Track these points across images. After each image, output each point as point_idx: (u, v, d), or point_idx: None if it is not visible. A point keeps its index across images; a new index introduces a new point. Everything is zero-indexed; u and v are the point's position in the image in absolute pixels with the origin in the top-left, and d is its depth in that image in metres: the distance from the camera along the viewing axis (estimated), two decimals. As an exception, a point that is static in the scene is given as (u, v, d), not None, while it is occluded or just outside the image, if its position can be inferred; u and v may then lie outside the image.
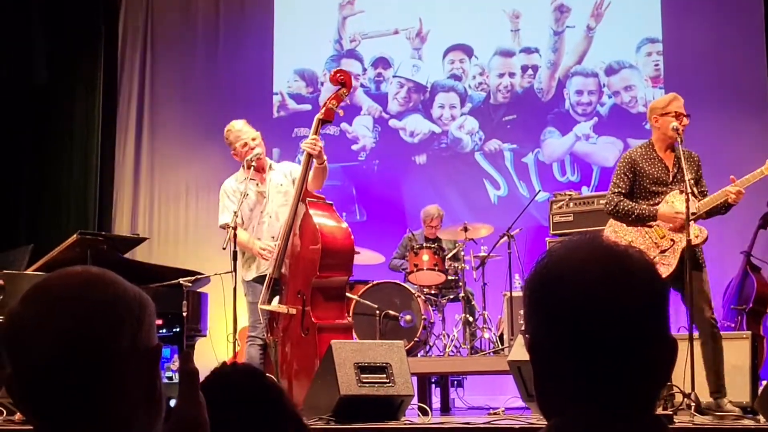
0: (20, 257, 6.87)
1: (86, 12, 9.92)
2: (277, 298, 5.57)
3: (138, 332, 1.26)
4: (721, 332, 5.25)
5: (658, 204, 5.21)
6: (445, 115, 9.60)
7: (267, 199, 5.78)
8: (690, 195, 5.02)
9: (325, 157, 5.56)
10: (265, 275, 5.59)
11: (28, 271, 6.26)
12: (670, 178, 5.24)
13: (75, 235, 6.27)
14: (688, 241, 5.01)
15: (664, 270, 5.04)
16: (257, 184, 5.80)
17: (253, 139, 5.76)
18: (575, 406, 1.17)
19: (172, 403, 1.40)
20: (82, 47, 9.90)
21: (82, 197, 9.66)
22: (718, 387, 5.01)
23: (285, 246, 5.55)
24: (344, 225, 5.58)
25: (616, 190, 5.29)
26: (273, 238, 5.68)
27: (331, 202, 5.67)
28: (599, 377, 1.17)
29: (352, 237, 5.57)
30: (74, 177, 9.72)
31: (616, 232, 5.31)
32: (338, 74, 5.70)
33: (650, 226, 5.23)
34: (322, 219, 5.45)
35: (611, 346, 1.16)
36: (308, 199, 5.52)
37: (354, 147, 9.69)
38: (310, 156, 5.51)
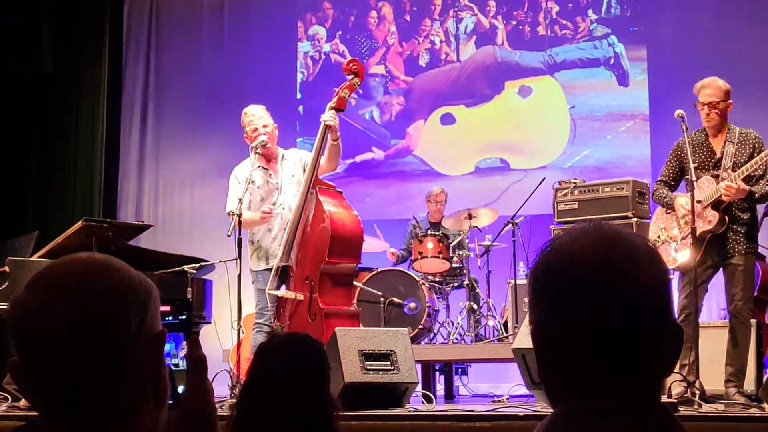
0: (25, 244, 6.88)
1: (92, 2, 9.91)
2: (284, 286, 5.58)
3: (143, 318, 1.26)
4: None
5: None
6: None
7: (280, 191, 5.75)
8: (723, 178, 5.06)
9: (339, 134, 5.56)
10: (272, 268, 5.59)
11: (34, 258, 6.28)
12: (713, 164, 5.24)
13: (80, 222, 6.28)
14: (693, 229, 5.02)
15: (683, 255, 5.10)
16: (270, 175, 5.77)
17: (264, 126, 5.69)
18: (580, 395, 1.17)
19: (180, 389, 1.40)
20: (88, 37, 9.90)
21: (88, 185, 9.68)
22: (730, 376, 5.02)
23: (294, 232, 5.55)
24: (354, 212, 5.60)
25: (659, 178, 5.47)
26: (285, 230, 5.66)
27: (341, 191, 5.67)
28: (603, 365, 1.17)
29: (362, 225, 5.59)
30: (80, 165, 9.73)
31: (656, 218, 5.50)
32: (351, 64, 5.70)
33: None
34: (332, 206, 5.46)
35: (615, 333, 1.16)
36: (318, 186, 5.52)
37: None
38: (326, 129, 5.50)
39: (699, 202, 5.11)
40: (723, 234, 5.10)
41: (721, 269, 5.20)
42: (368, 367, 4.96)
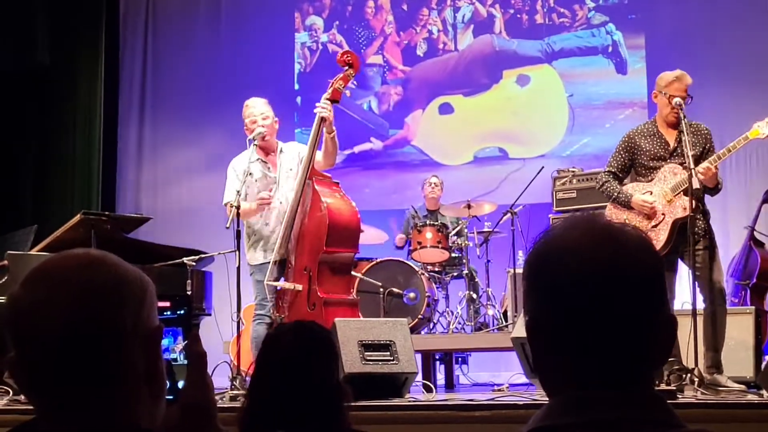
0: (24, 238, 6.88)
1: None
2: (282, 278, 5.59)
3: (140, 314, 1.26)
4: (725, 307, 5.23)
5: (653, 179, 5.24)
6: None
7: (277, 185, 5.75)
8: (688, 170, 5.00)
9: (334, 127, 5.55)
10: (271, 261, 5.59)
11: (33, 252, 6.28)
12: (669, 154, 5.23)
13: (79, 215, 6.27)
14: (692, 217, 5.00)
15: (655, 245, 5.02)
16: (269, 168, 5.76)
17: (264, 118, 5.68)
18: (575, 384, 1.18)
19: (180, 384, 1.41)
20: (84, 29, 9.87)
21: (86, 178, 9.67)
22: (713, 362, 5.00)
23: (291, 224, 5.55)
24: (351, 202, 5.61)
25: (608, 169, 5.40)
26: (282, 223, 5.66)
27: (337, 181, 5.68)
28: (596, 355, 1.17)
29: (359, 215, 5.60)
30: (78, 158, 9.72)
31: (611, 212, 5.36)
32: (345, 55, 5.69)
33: None
34: (328, 196, 5.46)
35: (607, 324, 1.17)
36: (315, 177, 5.53)
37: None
38: (321, 122, 5.50)
39: (645, 203, 5.14)
40: (691, 220, 5.08)
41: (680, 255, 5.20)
42: (368, 358, 4.97)
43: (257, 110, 5.71)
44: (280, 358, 2.43)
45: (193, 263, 6.39)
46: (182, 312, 1.50)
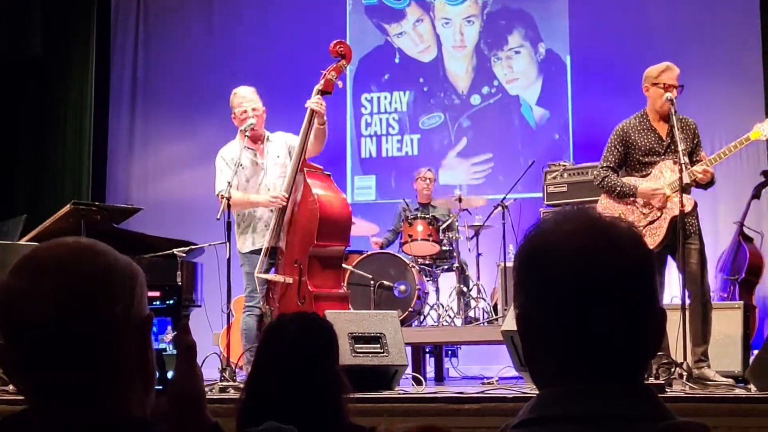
0: (13, 228, 6.85)
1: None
2: (273, 269, 5.59)
3: (130, 302, 1.25)
4: (714, 302, 5.24)
5: (648, 174, 5.21)
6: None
7: (265, 171, 5.76)
8: (679, 165, 4.99)
9: (325, 118, 5.56)
10: (261, 249, 5.59)
11: (22, 242, 6.25)
12: (663, 149, 5.21)
13: (68, 205, 6.25)
14: (681, 211, 4.99)
15: (652, 240, 5.03)
16: (255, 155, 5.78)
17: (254, 109, 5.71)
18: (564, 377, 1.18)
19: (170, 374, 1.41)
20: (76, 21, 9.83)
21: (77, 169, 9.63)
22: (701, 356, 5.01)
23: (282, 215, 5.56)
24: (342, 195, 5.62)
25: (605, 164, 5.32)
26: (271, 211, 5.67)
27: (329, 173, 5.68)
28: (586, 348, 1.17)
29: (350, 207, 5.61)
30: (69, 148, 9.68)
31: (605, 206, 5.31)
32: (338, 46, 5.68)
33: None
34: (319, 189, 5.46)
35: (597, 316, 1.17)
36: (306, 169, 5.53)
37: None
38: (313, 114, 5.50)
39: (656, 190, 5.11)
40: (684, 216, 5.07)
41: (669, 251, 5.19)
42: (358, 350, 4.97)
43: (247, 101, 5.73)
44: (282, 349, 2.43)
45: (184, 254, 6.38)
46: (172, 302, 1.49)
